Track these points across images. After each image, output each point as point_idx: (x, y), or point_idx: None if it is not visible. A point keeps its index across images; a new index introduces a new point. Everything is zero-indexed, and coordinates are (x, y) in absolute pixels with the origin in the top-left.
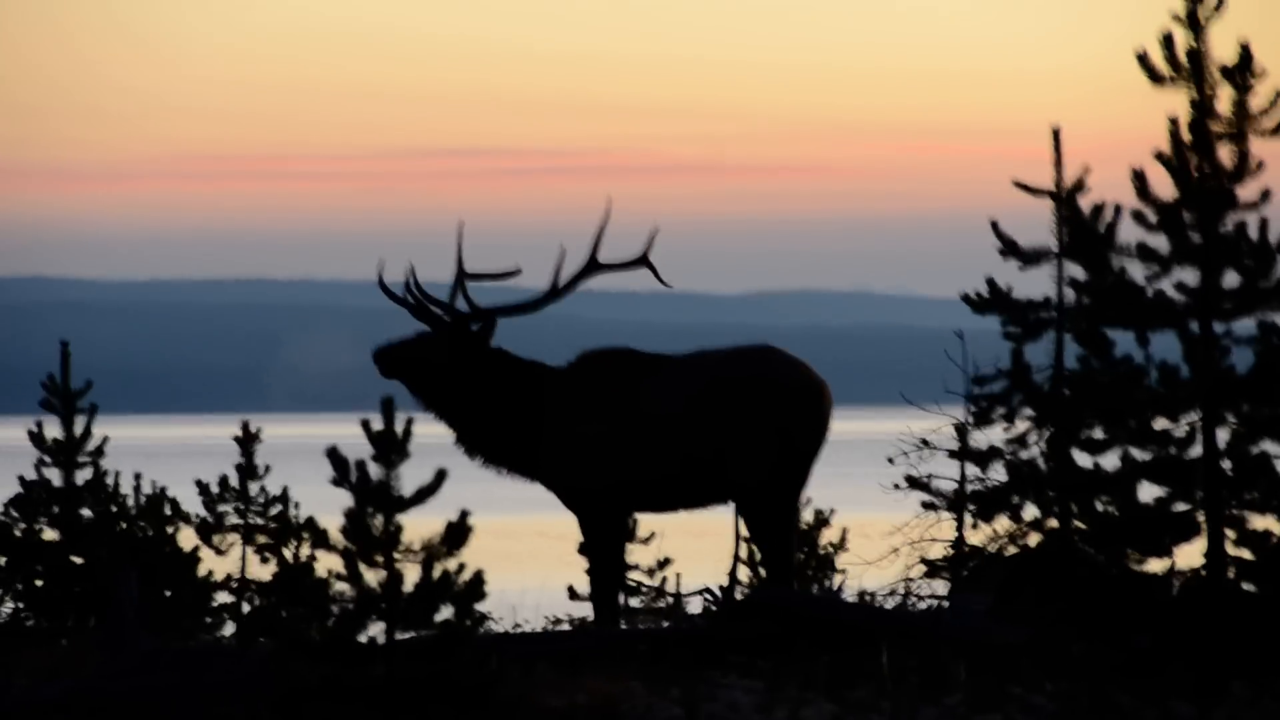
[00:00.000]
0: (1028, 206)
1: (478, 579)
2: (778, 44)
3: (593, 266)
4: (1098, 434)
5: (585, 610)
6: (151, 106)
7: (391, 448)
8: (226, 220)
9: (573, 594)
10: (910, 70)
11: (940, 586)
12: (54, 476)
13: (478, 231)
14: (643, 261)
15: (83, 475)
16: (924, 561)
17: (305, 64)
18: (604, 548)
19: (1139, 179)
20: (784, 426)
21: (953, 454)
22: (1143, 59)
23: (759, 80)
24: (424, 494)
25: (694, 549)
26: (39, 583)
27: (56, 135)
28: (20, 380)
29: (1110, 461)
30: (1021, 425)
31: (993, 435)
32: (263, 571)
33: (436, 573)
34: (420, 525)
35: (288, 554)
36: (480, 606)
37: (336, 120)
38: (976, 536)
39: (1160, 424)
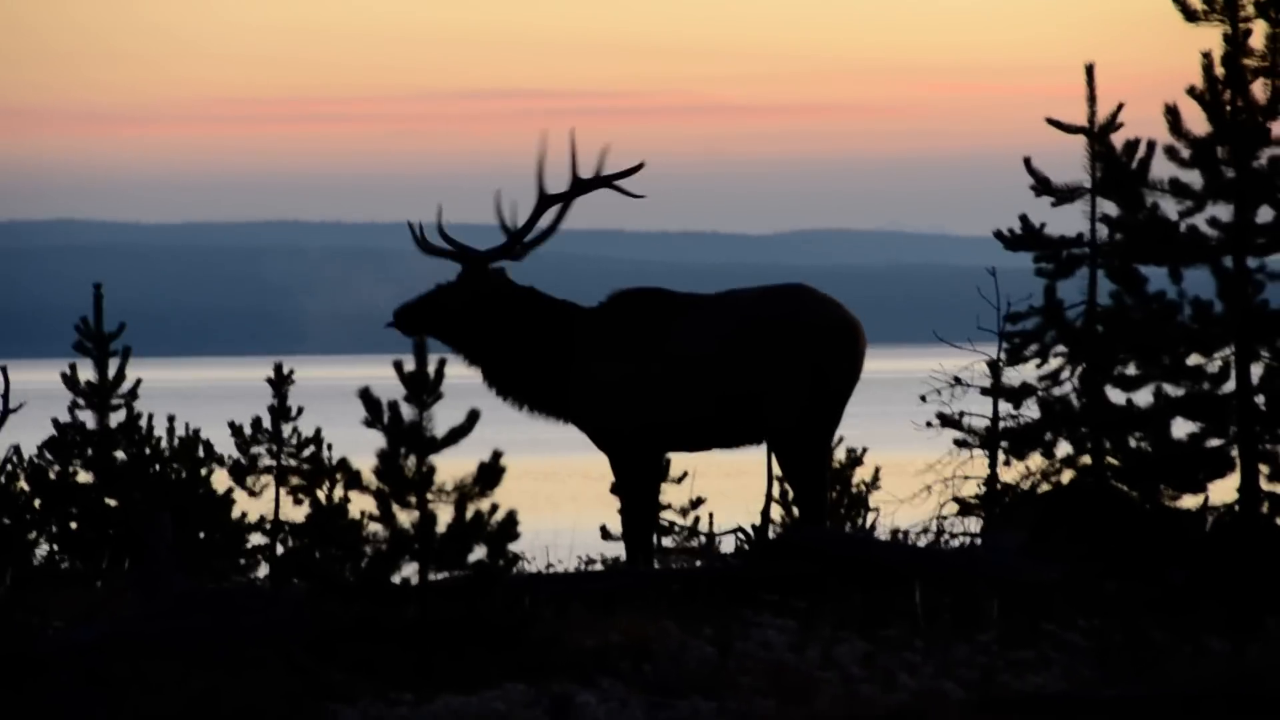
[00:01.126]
0: (1060, 144)
1: (510, 519)
2: None
3: (542, 201)
4: (1131, 370)
5: (618, 550)
6: (182, 49)
7: (424, 388)
8: (257, 163)
9: (606, 534)
10: (943, 9)
11: (973, 524)
12: (88, 419)
13: (511, 173)
14: (601, 183)
15: (116, 418)
16: (956, 500)
17: (337, 6)
18: (636, 488)
19: (1172, 115)
20: (818, 365)
21: (985, 391)
22: None
23: (791, 21)
24: (456, 435)
25: (727, 488)
26: (73, 525)
27: (86, 78)
28: (53, 323)
29: (1143, 398)
30: (1054, 362)
31: (1025, 372)
32: (296, 513)
33: (469, 513)
34: (453, 466)
35: (321, 495)
36: (513, 547)
37: (368, 62)
38: (1009, 474)
39: (1194, 360)
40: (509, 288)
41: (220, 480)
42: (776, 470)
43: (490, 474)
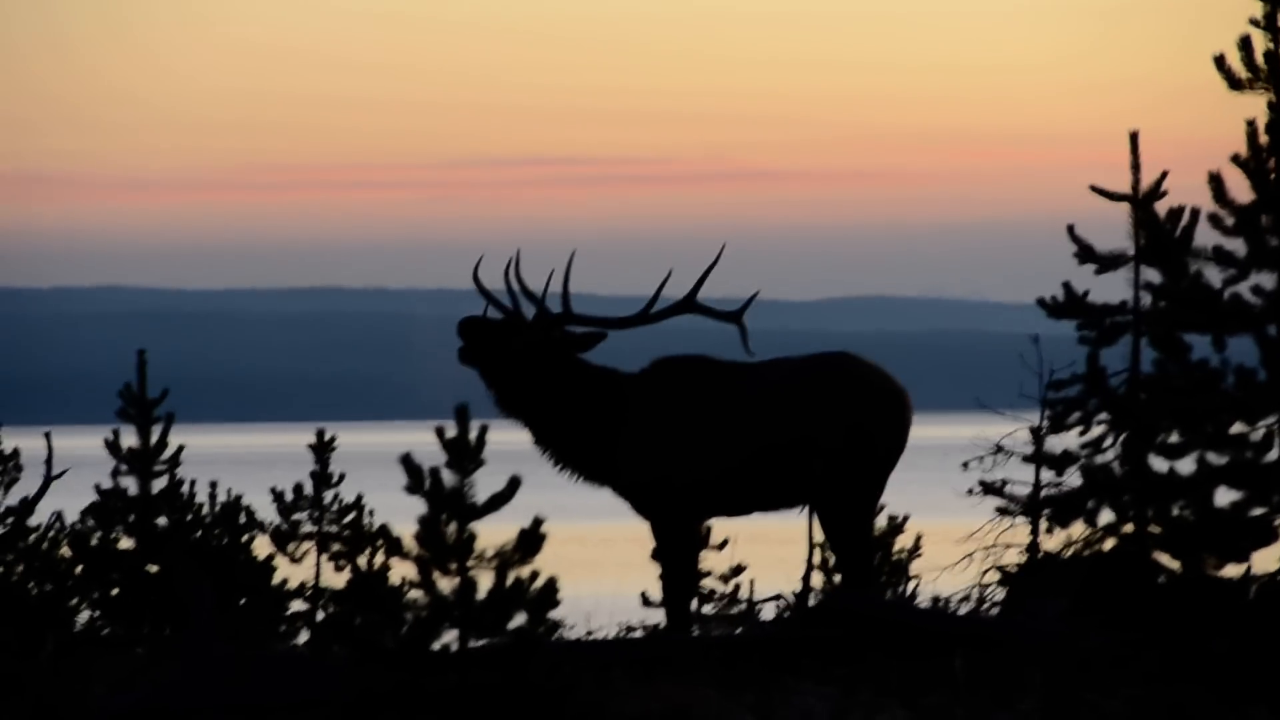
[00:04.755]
0: (1104, 211)
1: (551, 586)
2: (849, 50)
3: (688, 305)
4: (1174, 438)
5: (658, 617)
6: (223, 118)
7: (465, 455)
8: (298, 229)
9: (646, 601)
10: (984, 77)
11: (1014, 592)
12: (130, 485)
13: (546, 240)
14: (735, 318)
15: (159, 484)
16: (998, 568)
17: (374, 77)
18: (677, 553)
19: (1216, 183)
20: (857, 424)
21: (1027, 459)
22: (1220, 63)
23: (831, 87)
24: (497, 501)
25: (768, 556)
26: (115, 591)
27: (130, 145)
28: (97, 389)
29: (1186, 466)
30: (1097, 430)
31: (1068, 440)
32: (337, 579)
33: (510, 580)
34: (494, 532)
35: (362, 562)
36: (553, 613)
37: (404, 129)
38: (1051, 542)
39: (1237, 428)
40: (567, 352)
41: (261, 546)
42: (818, 537)
43: (531, 541)
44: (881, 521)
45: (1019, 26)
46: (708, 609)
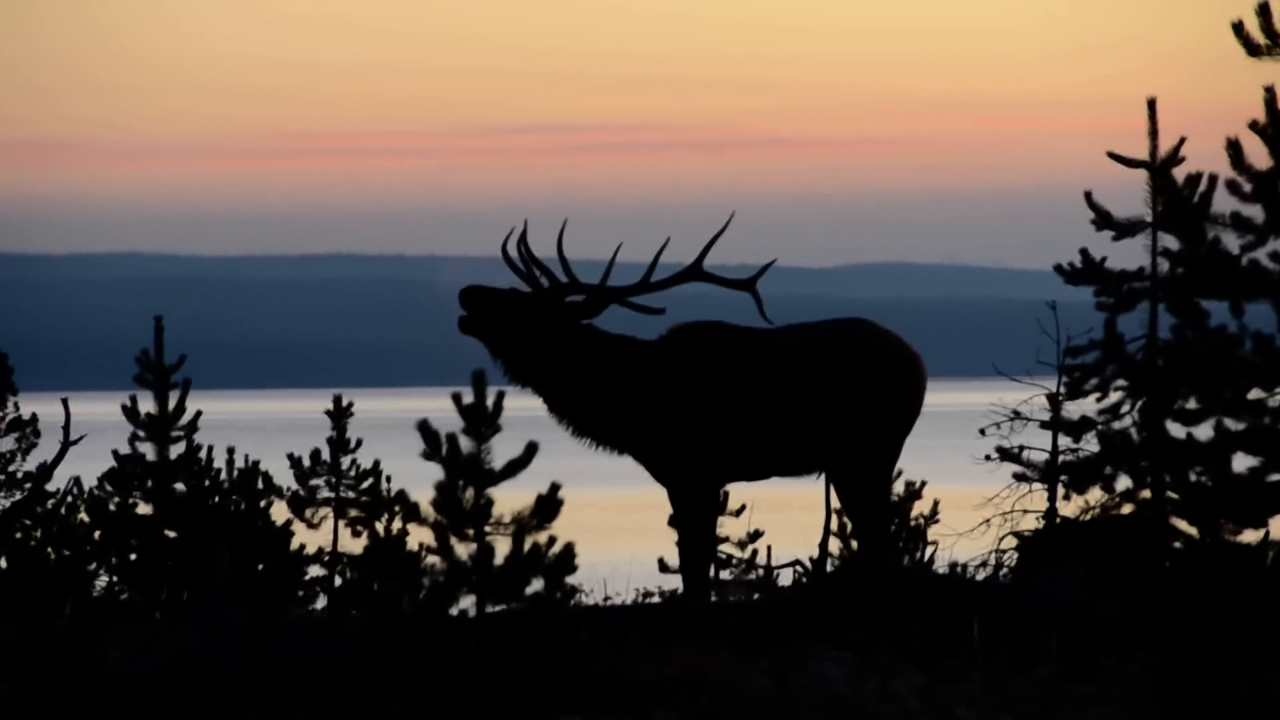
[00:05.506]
0: (1121, 178)
1: (568, 552)
2: (864, 16)
3: (694, 273)
4: (1191, 405)
5: (675, 583)
6: (248, 83)
7: (482, 421)
8: (315, 196)
9: (663, 567)
10: (1001, 42)
11: (1031, 558)
12: (148, 451)
13: (561, 206)
14: (748, 286)
15: (176, 450)
16: (1015, 534)
17: (389, 44)
18: (695, 520)
19: (1234, 149)
20: (872, 391)
21: (1045, 425)
22: (1239, 29)
23: (846, 53)
24: (515, 467)
25: (785, 522)
26: (133, 557)
27: (151, 112)
28: (114, 355)
29: (1204, 432)
30: (1114, 396)
31: (1085, 406)
32: (354, 545)
33: (527, 546)
34: (511, 498)
35: (379, 528)
36: (570, 579)
37: (420, 97)
38: (1069, 508)
39: (1255, 394)
40: (574, 323)
41: (279, 512)
42: (835, 504)
43: (548, 506)
44: (899, 487)
45: None
46: (725, 575)
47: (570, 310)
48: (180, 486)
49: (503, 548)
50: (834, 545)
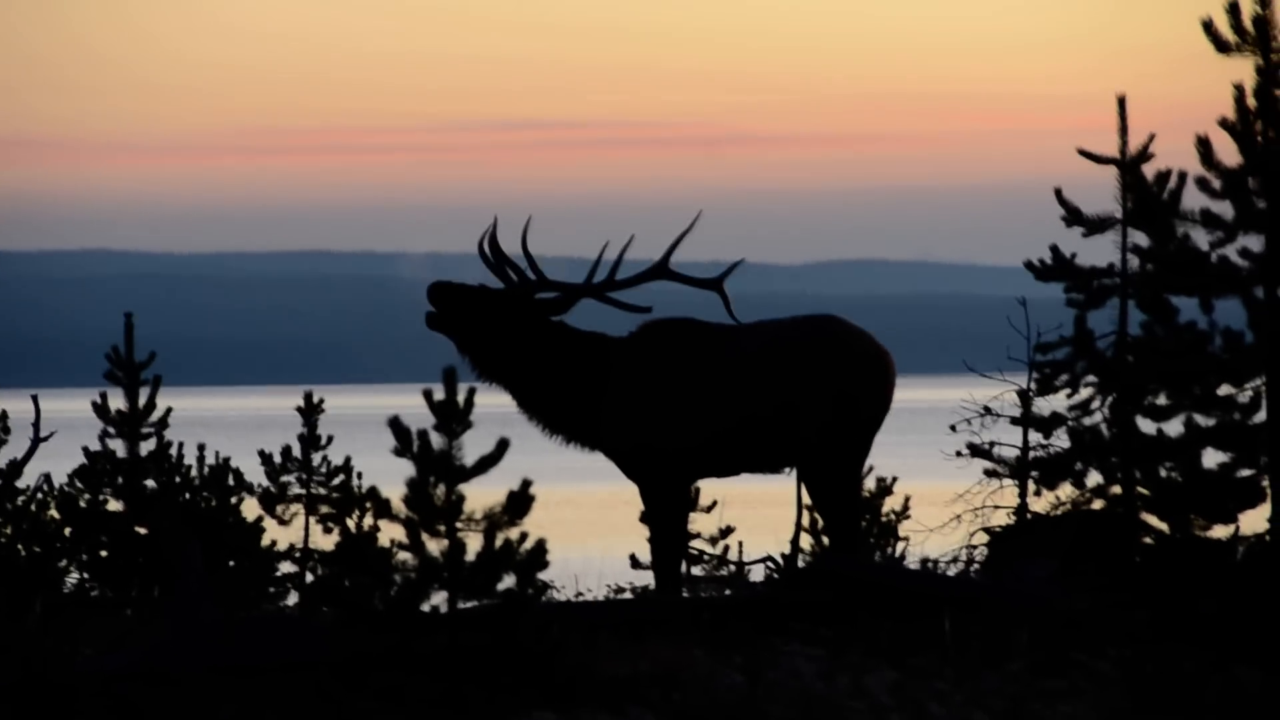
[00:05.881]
0: (1091, 175)
1: (540, 548)
2: (841, 15)
3: (661, 271)
4: (1161, 400)
5: (647, 579)
6: (211, 80)
7: (453, 417)
8: (287, 193)
9: (635, 562)
10: (973, 41)
11: (1002, 554)
12: (118, 448)
13: (532, 203)
14: (715, 286)
15: (147, 446)
16: (986, 529)
17: (363, 38)
18: (666, 516)
19: (1203, 146)
20: (843, 390)
21: (1015, 421)
22: (1208, 26)
23: (820, 51)
24: (486, 463)
25: (757, 518)
26: (104, 553)
27: (119, 109)
28: (84, 352)
29: (1174, 428)
30: (1085, 392)
31: (1056, 402)
32: (326, 541)
33: (499, 542)
34: (482, 495)
35: (350, 524)
36: (542, 575)
37: (395, 92)
38: (1039, 504)
39: (1224, 390)
40: (543, 320)
41: (250, 508)
42: (806, 500)
43: (520, 503)
44: (870, 484)
45: None
46: (697, 571)
47: (539, 307)
48: (151, 483)
49: (474, 544)
50: (805, 541)
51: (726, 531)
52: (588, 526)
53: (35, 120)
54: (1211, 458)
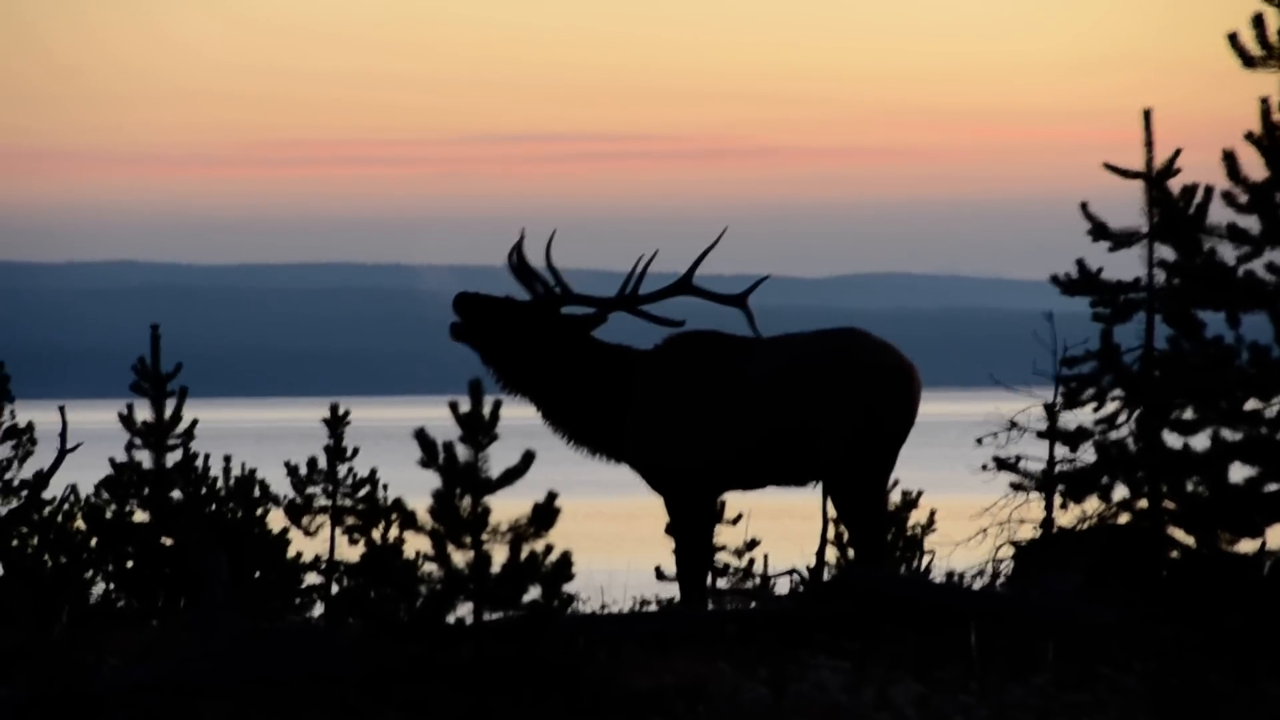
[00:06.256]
0: (1118, 189)
1: (565, 560)
2: (865, 29)
3: (684, 287)
4: (1188, 415)
5: (672, 591)
6: (233, 94)
7: (479, 429)
8: (311, 205)
9: (660, 575)
10: (1000, 55)
11: (1028, 567)
12: (144, 459)
13: (557, 216)
14: (738, 302)
15: (173, 458)
16: (1012, 543)
17: (383, 53)
18: (691, 529)
19: (1229, 160)
20: (869, 405)
21: (1041, 435)
22: (1234, 40)
23: (847, 65)
24: (512, 475)
25: (782, 530)
26: (130, 564)
27: (142, 121)
28: (111, 364)
29: (1200, 442)
30: (1111, 406)
31: (1082, 416)
32: (351, 553)
33: (524, 554)
34: (508, 507)
35: (376, 536)
36: (568, 587)
37: (416, 106)
38: (1066, 518)
39: (1251, 404)
40: (570, 334)
41: (276, 520)
42: (832, 512)
43: (545, 515)
44: (896, 497)
45: (1034, 6)
46: (722, 583)
47: (564, 320)
48: (177, 494)
49: (500, 556)
50: (831, 554)
51: (752, 544)
52: (613, 539)
53: (63, 132)
54: (1238, 472)
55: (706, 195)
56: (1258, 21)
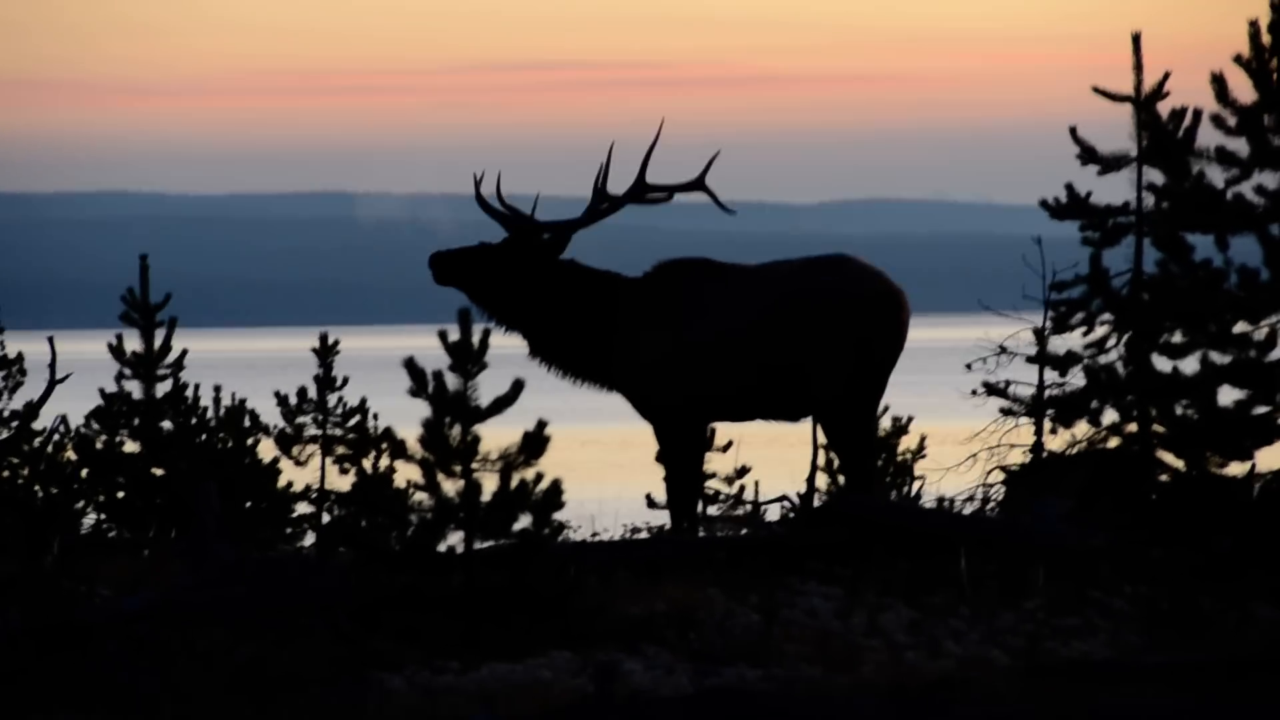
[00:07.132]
0: (1106, 112)
1: (555, 488)
2: None
3: (640, 188)
4: (1177, 338)
5: (663, 518)
6: (227, 23)
7: (468, 358)
8: (303, 135)
9: (651, 502)
10: None
11: (1018, 492)
12: (134, 389)
13: (550, 143)
14: (698, 185)
15: (163, 388)
16: (1002, 469)
17: None
18: (681, 457)
19: (1218, 83)
20: (862, 337)
21: (1031, 359)
22: None
23: None
24: (501, 404)
25: (772, 457)
26: (120, 494)
27: (132, 52)
28: (100, 294)
29: (1190, 365)
30: (1100, 330)
31: (1071, 340)
32: (342, 482)
33: (514, 482)
34: (498, 435)
35: (366, 465)
36: (558, 515)
37: (412, 35)
38: (1055, 442)
39: (1240, 327)
40: (552, 260)
41: (266, 450)
42: (822, 439)
43: (535, 443)
44: (886, 423)
45: None
46: (713, 510)
47: (534, 249)
48: (167, 424)
49: (490, 484)
50: (821, 480)
51: (742, 471)
52: (604, 467)
53: (51, 62)
54: (1227, 395)
55: (698, 121)
56: None
